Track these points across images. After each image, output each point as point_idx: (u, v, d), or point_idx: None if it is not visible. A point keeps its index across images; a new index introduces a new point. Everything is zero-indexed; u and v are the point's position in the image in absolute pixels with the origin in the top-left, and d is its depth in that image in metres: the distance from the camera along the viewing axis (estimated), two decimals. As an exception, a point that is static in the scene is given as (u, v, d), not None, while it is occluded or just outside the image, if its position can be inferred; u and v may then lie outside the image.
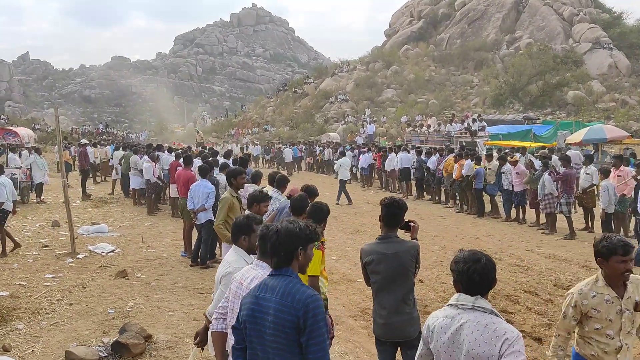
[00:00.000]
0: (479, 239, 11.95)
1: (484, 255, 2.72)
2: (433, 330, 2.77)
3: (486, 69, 50.01)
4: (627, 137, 19.55)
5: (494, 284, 2.74)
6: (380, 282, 4.04)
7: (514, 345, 2.50)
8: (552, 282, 8.41)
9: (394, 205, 4.09)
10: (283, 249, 2.78)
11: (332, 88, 54.97)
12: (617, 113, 36.07)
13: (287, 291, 2.67)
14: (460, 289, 2.74)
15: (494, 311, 2.65)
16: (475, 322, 2.61)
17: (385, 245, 4.06)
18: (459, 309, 2.70)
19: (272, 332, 2.65)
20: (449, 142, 26.16)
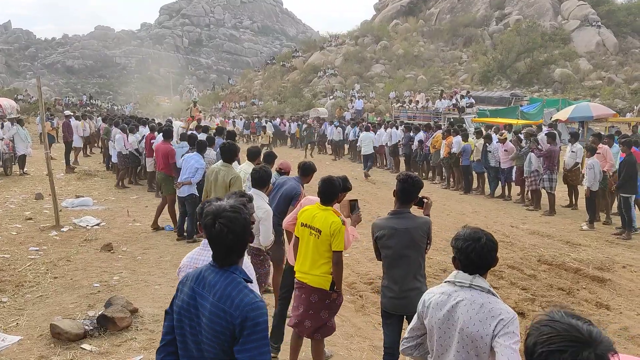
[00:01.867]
0: (465, 215, 12.04)
1: (485, 235, 2.66)
2: (429, 306, 2.75)
3: (475, 45, 49.88)
4: (613, 115, 19.68)
5: (494, 264, 2.70)
6: (391, 257, 4.04)
7: (509, 326, 2.49)
8: (535, 257, 8.51)
9: (408, 181, 4.05)
10: (237, 247, 2.37)
11: (320, 62, 54.50)
12: (604, 91, 36.27)
13: (226, 293, 2.31)
14: (459, 266, 2.71)
15: (491, 291, 2.63)
16: (471, 300, 2.58)
17: (397, 221, 4.04)
18: (456, 286, 2.68)
19: (206, 333, 2.33)
20: (437, 118, 26.19)
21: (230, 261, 2.38)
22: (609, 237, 9.88)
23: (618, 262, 8.25)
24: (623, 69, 40.91)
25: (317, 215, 4.42)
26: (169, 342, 2.52)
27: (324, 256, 4.38)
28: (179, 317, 2.43)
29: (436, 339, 2.73)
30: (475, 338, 2.54)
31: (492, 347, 2.51)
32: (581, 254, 8.72)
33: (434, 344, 2.75)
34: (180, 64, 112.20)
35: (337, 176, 4.72)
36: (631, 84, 38.07)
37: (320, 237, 4.36)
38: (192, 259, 3.25)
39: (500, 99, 31.80)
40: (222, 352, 2.31)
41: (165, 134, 10.89)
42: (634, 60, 42.32)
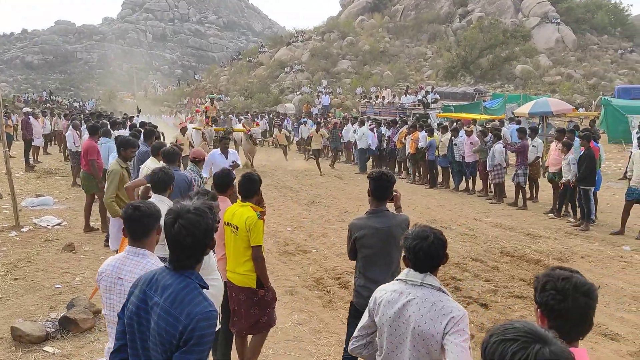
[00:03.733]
0: (431, 209, 12.21)
1: (432, 233, 2.66)
2: (380, 304, 2.73)
3: (439, 41, 50.54)
4: (572, 110, 20.22)
5: (444, 261, 2.70)
6: (371, 256, 3.94)
7: (459, 323, 2.50)
8: (498, 249, 8.71)
9: (382, 178, 3.96)
10: (195, 251, 2.29)
11: (287, 58, 54.36)
12: (563, 86, 37.25)
13: (178, 299, 2.21)
14: (409, 265, 2.71)
15: (442, 289, 2.64)
16: (423, 299, 2.58)
17: (377, 220, 3.95)
18: (408, 284, 2.67)
19: (153, 339, 2.23)
20: (403, 114, 26.42)
21: (186, 265, 2.29)
22: (568, 228, 10.18)
23: (577, 252, 8.52)
24: (581, 64, 42.06)
25: (236, 212, 4.36)
26: (120, 348, 2.41)
27: (246, 254, 4.31)
28: (130, 322, 2.33)
29: (386, 337, 2.72)
30: (426, 336, 2.55)
31: (442, 345, 2.52)
32: (541, 245, 8.96)
33: (384, 342, 2.74)
34: (144, 60, 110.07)
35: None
36: (589, 79, 39.20)
37: (238, 234, 4.30)
38: (114, 268, 2.99)
39: (464, 95, 32.34)
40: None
41: (91, 129, 10.14)
42: (591, 57, 43.58)
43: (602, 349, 5.32)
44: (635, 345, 5.38)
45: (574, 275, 2.01)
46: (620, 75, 40.34)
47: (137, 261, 2.92)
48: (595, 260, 8.15)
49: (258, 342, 4.53)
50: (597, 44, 46.02)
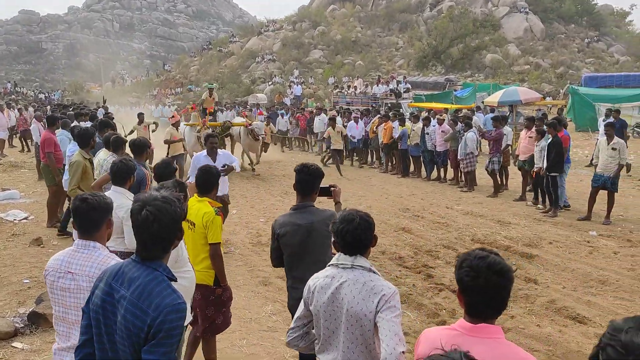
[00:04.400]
0: (403, 197, 12.31)
1: (358, 216, 2.68)
2: (313, 291, 2.73)
3: (410, 31, 50.71)
4: (540, 99, 20.57)
5: (373, 243, 2.73)
6: (295, 254, 3.75)
7: (390, 300, 2.54)
8: (469, 237, 8.84)
9: (304, 171, 3.77)
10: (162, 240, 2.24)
11: (258, 47, 53.88)
12: (531, 76, 37.86)
13: (146, 291, 2.16)
14: (339, 249, 2.73)
15: (372, 269, 2.67)
16: (354, 280, 2.62)
17: (300, 216, 3.73)
18: (339, 268, 2.70)
19: (121, 333, 2.19)
20: (375, 103, 26.51)
21: (153, 255, 2.25)
22: (537, 215, 10.38)
23: (545, 238, 8.70)
24: (549, 54, 42.75)
25: (192, 208, 4.24)
26: (85, 343, 2.36)
27: (204, 250, 4.22)
28: (95, 316, 2.29)
29: (322, 323, 2.72)
30: (359, 317, 2.58)
31: (375, 324, 2.55)
32: (511, 232, 9.13)
33: (321, 329, 2.74)
34: (111, 50, 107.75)
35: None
36: (557, 68, 39.91)
37: (195, 230, 4.20)
38: (63, 262, 2.86)
39: (435, 84, 32.62)
40: (135, 353, 2.17)
41: (49, 120, 9.96)
42: (559, 46, 44.32)
43: (569, 332, 5.46)
44: (602, 327, 5.53)
45: (491, 256, 2.08)
46: (587, 64, 41.17)
47: (87, 254, 2.82)
48: (563, 246, 8.34)
49: (211, 346, 4.47)
50: (565, 33, 46.81)
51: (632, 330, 1.20)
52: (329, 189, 3.99)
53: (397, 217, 10.25)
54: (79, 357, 2.39)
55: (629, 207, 10.76)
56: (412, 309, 6.02)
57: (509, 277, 2.07)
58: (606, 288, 6.62)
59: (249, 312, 5.93)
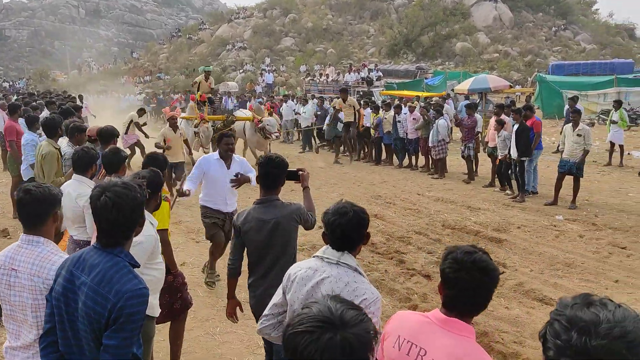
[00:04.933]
0: (375, 185, 12.40)
1: (353, 210, 2.56)
2: (294, 280, 2.63)
3: (382, 19, 50.81)
4: (508, 87, 20.92)
5: (364, 240, 2.62)
6: (258, 251, 3.61)
7: (370, 306, 2.42)
8: (440, 223, 8.97)
9: (270, 164, 3.62)
10: (121, 226, 2.22)
11: (229, 35, 53.33)
12: (500, 64, 38.41)
13: (107, 277, 2.15)
14: (328, 242, 2.61)
15: (358, 269, 2.56)
16: (337, 278, 2.49)
17: (264, 210, 3.58)
18: (324, 262, 2.58)
19: (82, 319, 2.18)
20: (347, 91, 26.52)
21: (114, 242, 2.23)
22: (506, 200, 10.59)
23: (513, 223, 8.88)
24: (518, 42, 43.38)
25: None
26: (49, 331, 2.35)
27: None
28: (57, 303, 2.27)
29: None
30: None
31: None
32: (481, 217, 9.30)
33: None
34: (77, 37, 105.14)
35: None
36: (525, 56, 40.56)
37: None
38: (7, 258, 2.71)
39: (406, 72, 32.84)
40: (96, 339, 2.17)
41: (10, 109, 9.71)
42: (527, 34, 44.98)
43: (537, 314, 5.61)
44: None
45: (479, 253, 2.04)
46: (554, 52, 41.93)
47: (31, 250, 2.68)
48: (531, 230, 8.53)
49: (179, 327, 4.40)
50: (533, 22, 47.51)
51: (577, 306, 1.23)
52: (297, 172, 3.89)
53: (369, 204, 10.33)
54: (43, 345, 2.37)
55: (594, 191, 11.05)
56: (384, 294, 6.09)
57: (492, 276, 2.02)
58: (572, 270, 6.81)
59: (222, 301, 5.92)
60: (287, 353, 1.39)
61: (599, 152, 15.27)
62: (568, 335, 1.19)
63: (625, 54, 39.89)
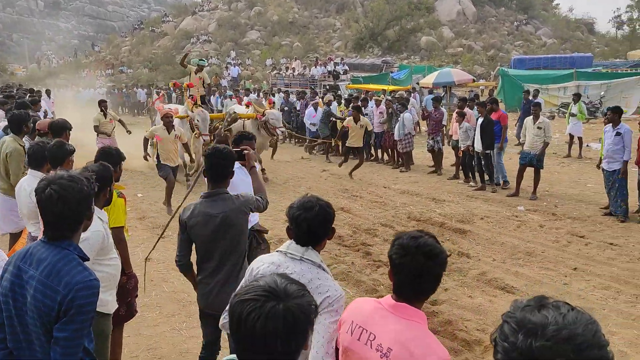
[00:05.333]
0: (342, 178, 12.46)
1: (319, 204, 2.50)
2: (255, 275, 2.54)
3: (347, 12, 50.90)
4: (472, 81, 21.27)
5: (329, 235, 2.58)
6: (206, 247, 3.48)
7: (334, 304, 2.38)
8: (406, 215, 9.09)
9: (216, 155, 3.49)
10: (67, 219, 2.19)
11: (193, 28, 52.58)
12: (464, 58, 38.97)
13: (55, 270, 2.13)
14: (292, 237, 2.56)
15: (322, 266, 2.52)
16: (300, 274, 2.42)
17: (211, 204, 3.44)
18: (287, 257, 2.53)
19: (32, 314, 2.16)
20: (313, 85, 26.56)
21: (60, 235, 2.21)
22: (470, 192, 10.79)
23: (477, 214, 9.06)
24: (481, 36, 44.09)
25: None
26: None
27: None
28: (5, 299, 2.24)
29: None
30: None
31: None
32: (445, 209, 9.46)
33: None
34: (36, 29, 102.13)
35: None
36: (488, 51, 41.25)
37: None
38: None
39: (372, 66, 33.05)
40: (46, 333, 2.15)
41: None
42: (490, 29, 45.76)
43: (499, 301, 5.75)
44: (529, 296, 5.80)
45: (424, 237, 2.05)
46: (516, 47, 42.78)
47: None
48: (494, 221, 8.72)
49: (118, 335, 4.20)
50: (495, 17, 48.35)
51: (528, 308, 1.20)
52: (242, 152, 3.79)
53: (336, 197, 10.38)
54: None
55: (554, 182, 11.35)
56: (351, 286, 6.15)
57: (438, 261, 2.02)
58: (532, 259, 7.00)
59: (188, 296, 5.88)
60: (232, 321, 1.43)
61: (558, 144, 15.68)
62: (515, 337, 1.15)
63: (584, 48, 40.97)
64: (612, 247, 7.37)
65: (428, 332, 2.03)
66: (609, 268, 6.62)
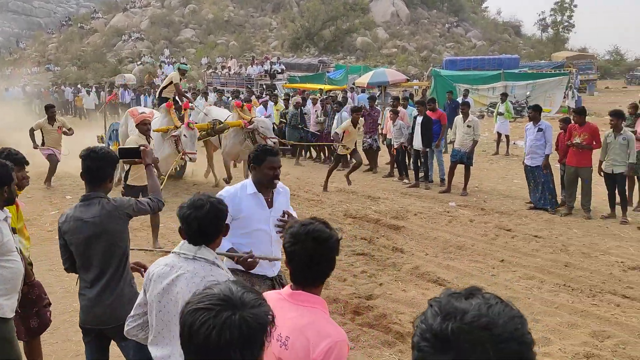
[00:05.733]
0: (299, 179, 12.43)
1: (209, 202, 2.48)
2: (151, 279, 2.52)
3: (284, 12, 50.88)
4: (405, 81, 21.80)
5: (224, 232, 2.58)
6: (81, 255, 3.23)
7: None
8: (342, 212, 9.19)
9: (92, 157, 3.24)
10: None
11: (124, 25, 50.96)
12: (399, 58, 39.85)
13: None
14: (184, 236, 2.53)
15: (216, 262, 2.51)
16: (193, 273, 2.41)
17: (85, 209, 3.18)
18: (181, 257, 2.50)
19: None
20: (250, 84, 26.38)
21: None
22: (404, 189, 11.04)
23: (410, 210, 9.29)
24: (414, 38, 45.24)
25: None
26: None
27: None
28: None
29: (155, 314, 2.52)
30: None
31: None
32: (380, 206, 9.64)
33: (154, 319, 2.54)
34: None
35: None
36: (421, 52, 42.38)
37: None
38: None
39: (309, 66, 33.22)
40: None
41: None
42: (423, 30, 47.02)
43: (430, 294, 5.91)
44: (459, 288, 6.04)
45: (314, 224, 2.08)
46: (448, 48, 44.17)
47: None
48: (426, 217, 8.97)
49: (35, 347, 4.01)
50: (428, 18, 49.71)
51: (456, 295, 1.16)
52: (138, 149, 3.62)
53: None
54: None
55: (483, 179, 11.81)
56: (287, 285, 6.17)
57: (328, 245, 2.05)
58: (463, 252, 7.25)
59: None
60: (183, 331, 1.38)
61: (487, 142, 16.32)
62: (434, 320, 1.11)
63: (511, 50, 42.80)
64: (536, 239, 7.74)
65: (324, 316, 2.05)
66: (534, 259, 6.96)
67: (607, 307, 5.54)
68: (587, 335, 4.93)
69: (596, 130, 8.61)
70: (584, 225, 8.38)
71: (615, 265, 6.66)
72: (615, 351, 4.64)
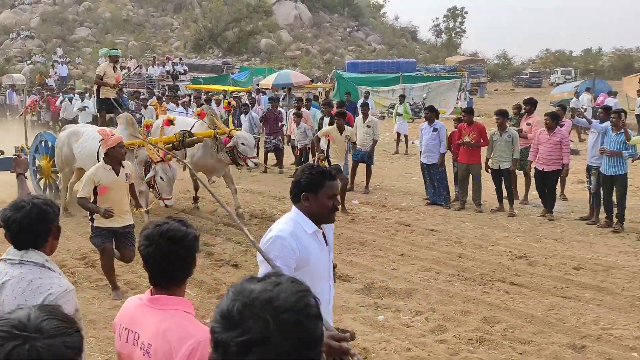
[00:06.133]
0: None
1: (32, 203, 2.33)
2: None
3: (185, 12, 49.78)
4: (309, 82, 22.15)
5: (55, 234, 2.41)
6: None
7: (59, 300, 2.22)
8: (248, 213, 9.21)
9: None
10: None
11: (12, 22, 47.39)
12: (302, 61, 40.37)
13: None
14: (10, 241, 2.38)
15: (47, 264, 2.35)
16: (19, 278, 2.27)
17: None
18: (7, 263, 2.35)
19: None
20: (151, 85, 25.59)
21: None
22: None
23: (316, 209, 9.46)
24: (317, 41, 46.01)
25: None
26: None
27: None
28: None
29: None
30: None
31: None
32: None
33: None
34: None
35: None
36: (324, 54, 43.17)
37: None
38: None
39: (213, 67, 32.76)
40: None
41: None
42: (325, 34, 47.94)
43: (336, 290, 6.07)
44: (362, 283, 6.27)
45: (169, 223, 1.99)
46: (350, 51, 45.33)
47: None
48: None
49: None
50: (329, 22, 50.73)
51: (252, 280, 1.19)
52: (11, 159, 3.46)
53: (177, 199, 10.13)
54: None
55: (384, 177, 12.28)
56: (192, 287, 6.08)
57: (184, 244, 1.96)
58: (365, 248, 7.51)
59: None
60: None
61: (388, 142, 16.95)
62: (226, 302, 1.14)
63: (409, 54, 44.77)
64: (433, 233, 8.18)
65: (187, 317, 1.96)
66: (431, 252, 7.35)
67: (496, 294, 5.95)
68: (479, 322, 5.25)
69: (483, 129, 9.27)
70: (476, 218, 8.97)
71: (504, 255, 7.17)
72: (505, 335, 4.98)
